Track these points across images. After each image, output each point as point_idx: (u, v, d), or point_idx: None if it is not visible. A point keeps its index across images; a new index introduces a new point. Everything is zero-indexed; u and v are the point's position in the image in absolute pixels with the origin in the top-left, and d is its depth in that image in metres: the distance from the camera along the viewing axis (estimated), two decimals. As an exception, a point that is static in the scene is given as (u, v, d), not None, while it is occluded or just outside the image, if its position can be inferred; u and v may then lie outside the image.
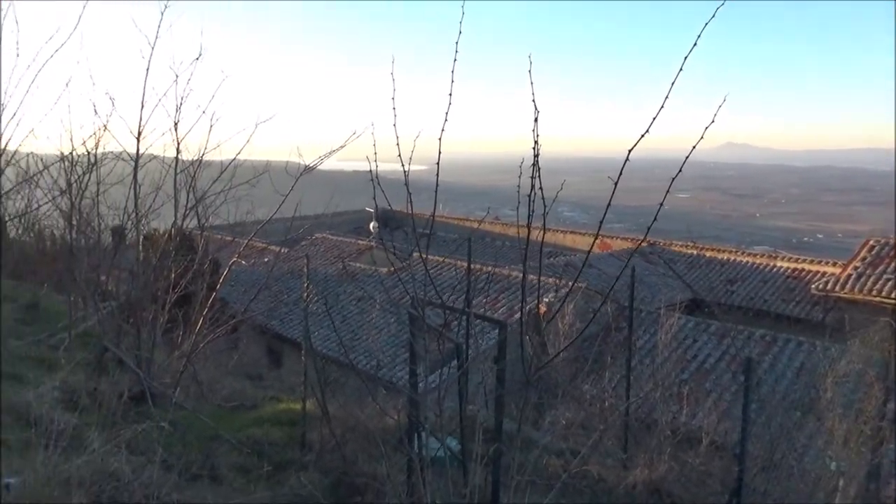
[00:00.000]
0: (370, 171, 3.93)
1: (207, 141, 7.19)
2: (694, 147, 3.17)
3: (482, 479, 3.84)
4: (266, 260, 19.39)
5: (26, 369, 7.02)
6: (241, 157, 7.40)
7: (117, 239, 8.10)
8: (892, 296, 16.27)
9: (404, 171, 3.74)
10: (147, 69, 6.66)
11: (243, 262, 8.59)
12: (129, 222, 7.20)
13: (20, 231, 8.77)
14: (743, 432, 4.25)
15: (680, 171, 3.28)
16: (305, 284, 6.91)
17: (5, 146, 6.63)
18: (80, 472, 3.67)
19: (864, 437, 5.07)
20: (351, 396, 6.99)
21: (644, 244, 24.32)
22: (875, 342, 5.52)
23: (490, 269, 14.13)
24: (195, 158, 7.31)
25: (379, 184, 3.77)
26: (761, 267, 21.93)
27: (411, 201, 3.77)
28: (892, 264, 17.45)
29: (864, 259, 18.04)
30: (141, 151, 6.95)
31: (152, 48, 6.68)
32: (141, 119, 6.79)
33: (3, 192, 6.92)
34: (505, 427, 4.01)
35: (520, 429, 3.69)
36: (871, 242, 18.95)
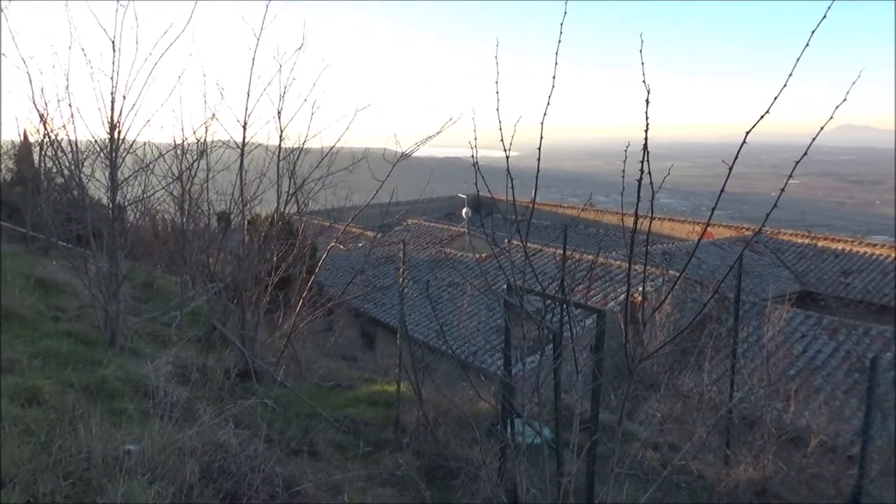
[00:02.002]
0: (462, 157, 3.92)
1: (308, 129, 7.41)
2: (822, 129, 2.95)
3: (577, 470, 3.77)
4: (361, 245, 19.87)
5: (143, 344, 7.54)
6: (340, 144, 7.59)
7: (224, 223, 8.52)
8: None
9: (506, 157, 3.69)
10: (253, 60, 6.93)
11: (340, 246, 8.82)
12: (235, 207, 7.54)
13: (137, 216, 9.38)
14: (864, 434, 3.95)
15: (804, 154, 3.07)
16: (401, 269, 7.01)
17: (125, 135, 7.08)
18: (192, 442, 3.88)
19: None
20: (443, 381, 7.05)
21: (748, 233, 23.09)
22: None
23: (588, 257, 13.84)
24: (296, 146, 7.55)
25: (479, 170, 3.74)
26: (881, 258, 20.30)
27: (513, 187, 3.73)
28: None
29: None
30: (246, 139, 7.26)
31: (258, 40, 6.94)
32: (247, 108, 7.09)
33: (122, 179, 7.39)
34: (601, 418, 3.91)
35: (620, 422, 3.59)
36: None
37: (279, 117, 7.30)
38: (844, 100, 2.75)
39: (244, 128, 7.17)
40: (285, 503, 3.89)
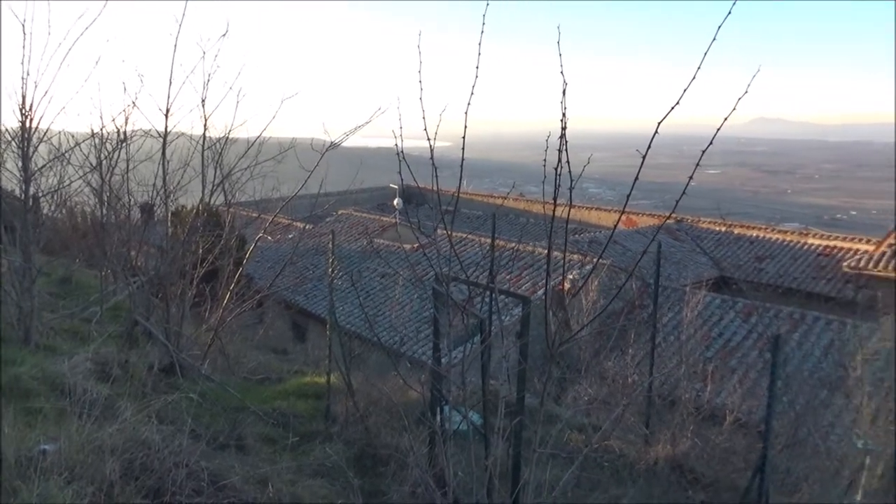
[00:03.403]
0: (394, 147, 3.93)
1: (234, 117, 7.25)
2: (725, 120, 3.09)
3: (503, 453, 3.88)
4: (291, 236, 19.58)
5: (60, 341, 7.23)
6: (267, 133, 7.46)
7: (146, 215, 8.24)
8: (927, 274, 15.94)
9: (430, 147, 3.72)
10: (175, 46, 6.71)
11: (269, 237, 8.69)
12: (158, 198, 7.31)
13: (52, 207, 8.96)
14: (769, 409, 4.22)
15: (710, 144, 3.21)
16: (331, 260, 6.98)
17: (38, 123, 6.75)
18: (112, 440, 3.78)
19: (893, 415, 5.01)
20: (374, 371, 7.08)
21: (671, 221, 24.03)
22: (907, 320, 5.44)
23: (514, 245, 14.12)
24: (222, 135, 7.38)
25: (404, 159, 3.76)
26: (792, 244, 21.54)
27: (437, 177, 3.76)
28: (928, 242, 17.05)
29: (898, 236, 17.63)
30: (169, 128, 7.04)
31: (179, 25, 6.72)
32: (169, 96, 6.87)
33: (36, 168, 7.05)
34: (527, 402, 4.03)
35: (542, 403, 3.71)
36: (906, 219, 18.52)
37: (203, 105, 7.11)
38: (745, 92, 2.91)
39: (166, 116, 6.95)
40: (211, 498, 3.85)
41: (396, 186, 29.92)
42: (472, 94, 3.70)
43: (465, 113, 3.69)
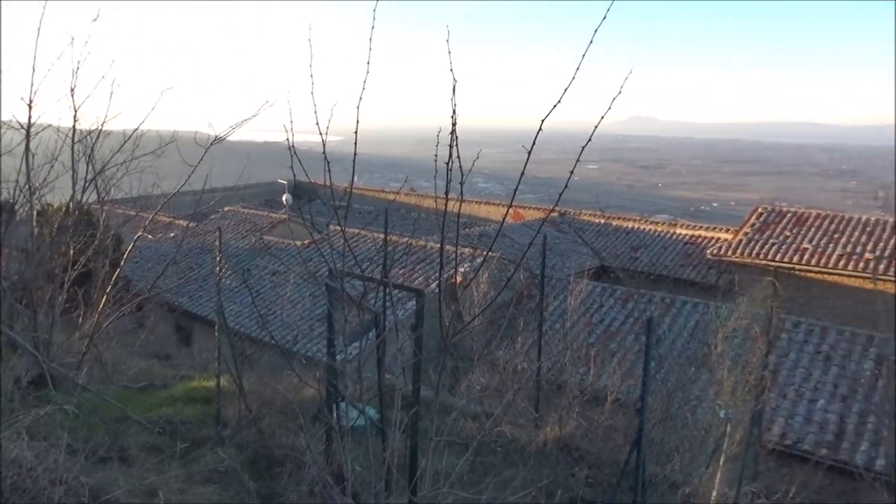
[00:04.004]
0: (282, 141, 3.87)
1: (108, 109, 6.82)
2: (601, 118, 3.29)
3: (401, 445, 3.95)
4: (173, 235, 18.65)
5: None
6: (146, 126, 7.08)
7: (7, 214, 7.59)
8: (777, 258, 17.58)
9: (322, 142, 3.70)
10: (38, 30, 6.22)
11: (149, 236, 8.24)
12: (21, 196, 6.77)
13: None
14: (643, 388, 4.56)
15: (589, 141, 3.40)
16: (218, 259, 6.75)
17: None
18: (-23, 461, 3.51)
19: (749, 386, 5.56)
20: (267, 371, 6.94)
21: (555, 214, 25.02)
22: (759, 300, 6.03)
23: (407, 240, 14.22)
24: (94, 128, 6.93)
25: (295, 154, 3.72)
26: (662, 234, 23.11)
27: (329, 171, 3.74)
28: (777, 230, 18.80)
29: (753, 225, 19.34)
30: (33, 120, 6.52)
31: (44, 6, 6.24)
32: (32, 84, 6.36)
33: None
34: (422, 393, 4.12)
35: (437, 394, 3.81)
36: (760, 210, 20.33)
37: (73, 95, 6.65)
38: (619, 93, 3.12)
39: (29, 106, 6.44)
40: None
41: (286, 182, 29.20)
42: (363, 88, 3.72)
43: (357, 107, 3.69)
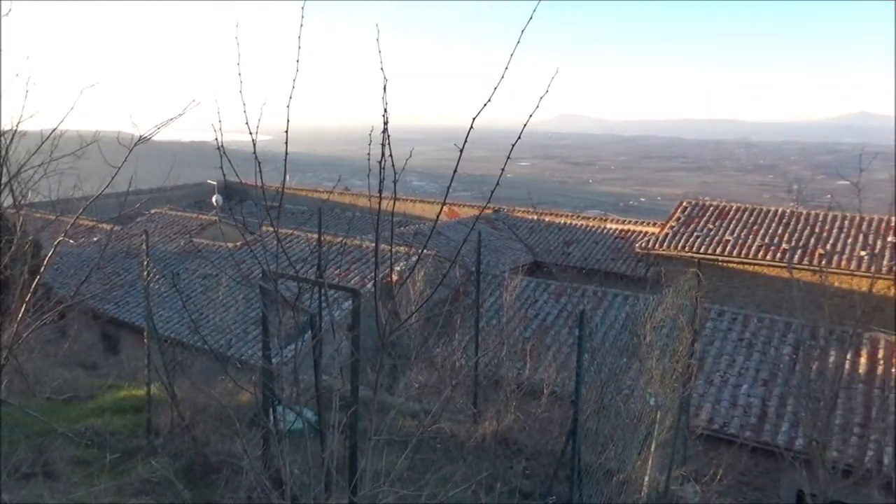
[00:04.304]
0: (211, 141, 3.78)
1: (23, 108, 6.48)
2: (530, 117, 3.36)
3: (340, 446, 3.94)
4: (97, 239, 17.88)
5: None
6: (65, 126, 6.75)
7: None
8: (701, 251, 18.33)
9: (252, 141, 3.64)
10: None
11: (70, 241, 7.89)
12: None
13: None
14: (577, 380, 4.69)
15: (518, 139, 3.47)
16: (145, 263, 6.53)
17: None
18: None
19: (677, 374, 5.80)
20: (200, 377, 6.76)
21: (489, 211, 25.30)
22: (685, 291, 6.30)
23: (342, 239, 14.10)
24: (8, 128, 6.57)
25: (224, 154, 3.64)
26: (594, 229, 23.73)
27: (260, 171, 3.69)
28: (701, 223, 19.61)
29: (678, 219, 20.10)
30: (-63, 120, 6.14)
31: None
32: (-65, 84, 5.98)
33: None
34: (361, 393, 4.12)
35: (375, 393, 3.81)
36: (684, 204, 21.15)
37: (-19, 95, 6.27)
38: (546, 91, 3.20)
39: (-67, 107, 6.05)
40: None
41: (216, 183, 28.42)
42: (293, 87, 3.68)
43: (288, 107, 3.65)
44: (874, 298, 14.88)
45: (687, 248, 18.61)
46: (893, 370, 11.10)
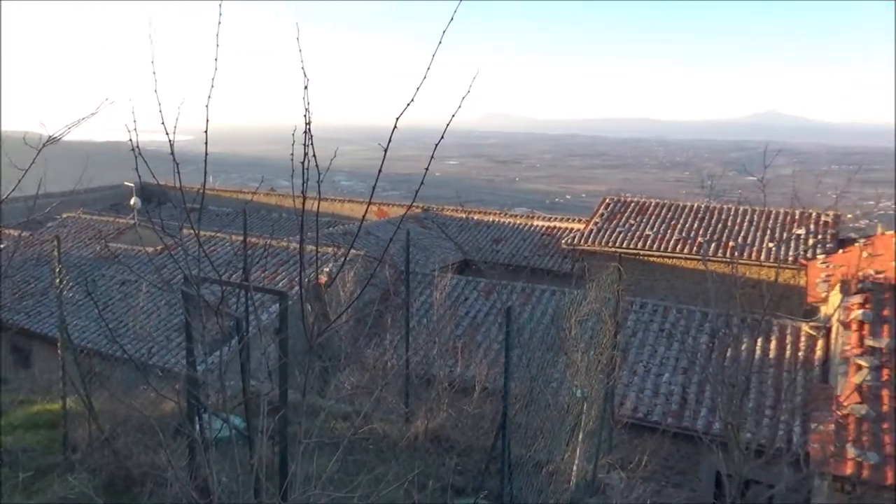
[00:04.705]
0: (126, 141, 3.65)
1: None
2: (452, 116, 3.40)
3: (270, 451, 3.88)
4: (4, 246, 16.83)
5: None
6: (-38, 127, 6.34)
7: None
8: (623, 245, 18.96)
9: (170, 142, 3.53)
10: None
11: (-28, 249, 7.39)
12: None
13: None
14: (506, 375, 4.79)
15: (441, 139, 3.50)
16: (57, 270, 6.21)
17: None
18: None
19: (601, 366, 6.00)
20: (120, 388, 6.50)
21: (418, 210, 25.35)
22: (607, 285, 6.52)
23: (267, 241, 13.81)
24: None
25: (141, 155, 3.52)
26: (521, 226, 24.16)
27: (179, 172, 3.58)
28: (623, 219, 20.28)
29: (601, 216, 20.72)
30: None
31: None
32: None
33: None
34: (290, 397, 4.07)
35: (304, 396, 3.77)
36: (607, 201, 21.82)
37: None
38: (468, 92, 3.25)
39: None
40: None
41: (133, 185, 27.27)
42: (212, 86, 3.60)
43: (207, 106, 3.57)
44: (780, 287, 15.82)
45: (610, 244, 19.20)
46: (799, 354, 11.82)
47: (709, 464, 10.53)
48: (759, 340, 11.80)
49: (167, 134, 3.59)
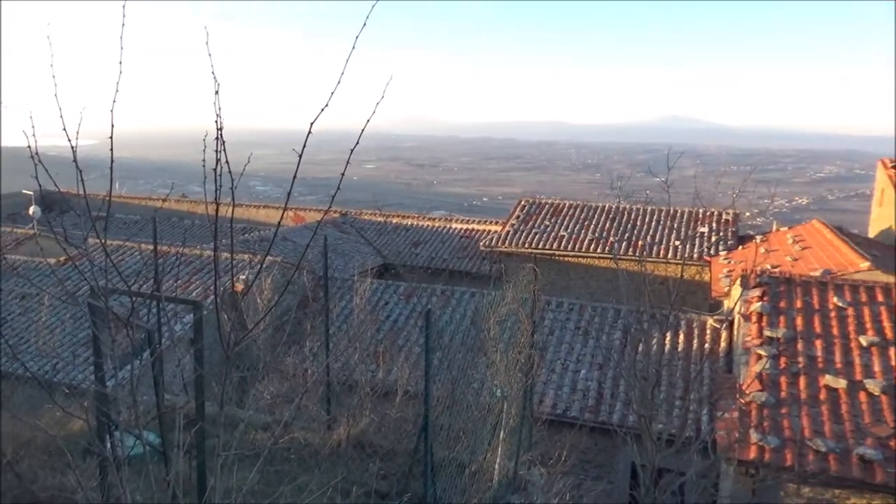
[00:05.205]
0: (24, 147, 3.46)
1: None
2: (367, 122, 3.41)
3: (186, 467, 3.76)
4: None
5: None
6: None
7: None
8: (539, 246, 19.45)
9: (72, 147, 3.37)
10: None
11: None
12: None
13: None
14: (427, 378, 4.84)
15: (357, 144, 3.51)
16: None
17: None
18: None
19: (519, 365, 6.15)
20: (23, 407, 6.11)
21: (336, 215, 25.09)
22: (524, 285, 6.69)
23: (180, 249, 13.33)
24: None
25: (40, 161, 3.34)
26: (440, 229, 24.35)
27: (82, 179, 3.42)
28: (538, 220, 20.81)
29: (518, 217, 21.17)
30: None
31: None
32: None
33: None
34: (207, 409, 3.96)
35: (222, 408, 3.69)
36: (523, 203, 22.32)
37: None
38: (382, 97, 3.27)
39: None
40: None
41: (32, 192, 25.61)
42: (117, 90, 3.47)
43: (111, 110, 3.44)
44: (687, 283, 16.66)
45: (526, 245, 19.64)
46: (705, 346, 12.49)
47: (624, 455, 10.95)
48: (668, 335, 12.39)
49: (69, 139, 3.44)
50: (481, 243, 21.03)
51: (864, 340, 9.37)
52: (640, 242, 19.05)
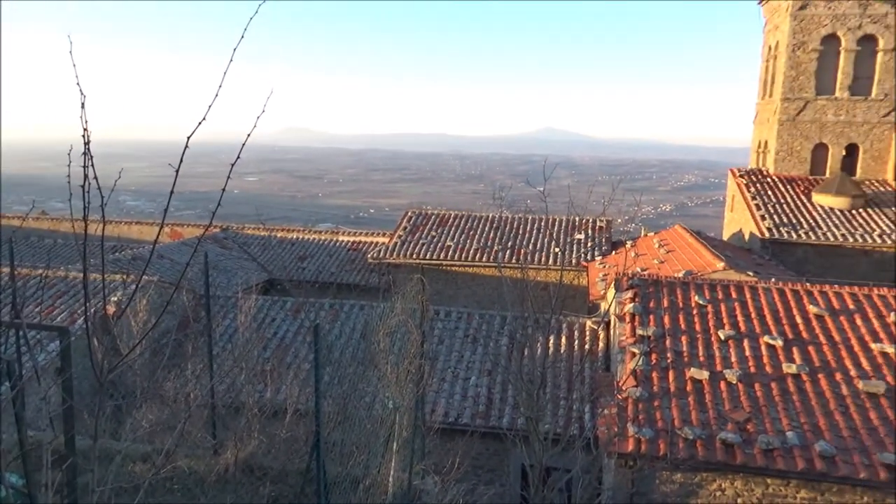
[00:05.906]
0: None
1: None
2: (248, 136, 3.35)
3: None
4: None
5: None
6: None
7: None
8: (427, 257, 19.67)
9: None
10: None
11: None
12: None
13: None
14: (316, 394, 4.77)
15: (238, 157, 3.42)
16: None
17: None
18: None
19: (410, 375, 6.20)
20: None
21: (216, 229, 24.12)
22: (412, 296, 6.76)
23: (42, 271, 12.31)
24: None
25: None
26: (326, 242, 24.01)
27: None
28: (425, 231, 21.04)
29: (405, 228, 21.31)
30: None
31: None
32: None
33: None
34: (78, 444, 3.70)
35: (95, 441, 3.46)
36: (409, 214, 22.50)
37: None
38: (263, 111, 3.23)
39: None
40: None
41: None
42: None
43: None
44: (566, 288, 17.44)
45: (414, 256, 19.80)
46: (585, 347, 13.12)
47: (515, 458, 11.26)
48: (551, 338, 12.90)
49: None
50: (369, 255, 20.96)
51: (722, 334, 10.22)
52: (522, 250, 19.72)
